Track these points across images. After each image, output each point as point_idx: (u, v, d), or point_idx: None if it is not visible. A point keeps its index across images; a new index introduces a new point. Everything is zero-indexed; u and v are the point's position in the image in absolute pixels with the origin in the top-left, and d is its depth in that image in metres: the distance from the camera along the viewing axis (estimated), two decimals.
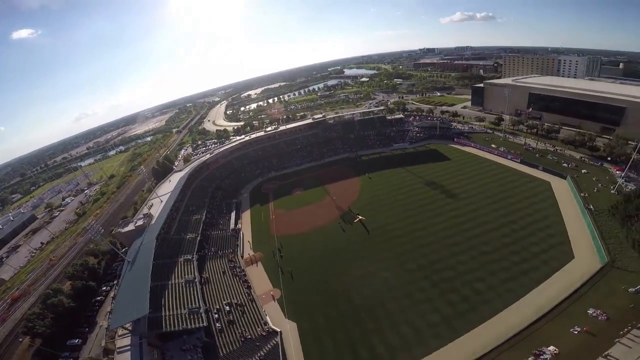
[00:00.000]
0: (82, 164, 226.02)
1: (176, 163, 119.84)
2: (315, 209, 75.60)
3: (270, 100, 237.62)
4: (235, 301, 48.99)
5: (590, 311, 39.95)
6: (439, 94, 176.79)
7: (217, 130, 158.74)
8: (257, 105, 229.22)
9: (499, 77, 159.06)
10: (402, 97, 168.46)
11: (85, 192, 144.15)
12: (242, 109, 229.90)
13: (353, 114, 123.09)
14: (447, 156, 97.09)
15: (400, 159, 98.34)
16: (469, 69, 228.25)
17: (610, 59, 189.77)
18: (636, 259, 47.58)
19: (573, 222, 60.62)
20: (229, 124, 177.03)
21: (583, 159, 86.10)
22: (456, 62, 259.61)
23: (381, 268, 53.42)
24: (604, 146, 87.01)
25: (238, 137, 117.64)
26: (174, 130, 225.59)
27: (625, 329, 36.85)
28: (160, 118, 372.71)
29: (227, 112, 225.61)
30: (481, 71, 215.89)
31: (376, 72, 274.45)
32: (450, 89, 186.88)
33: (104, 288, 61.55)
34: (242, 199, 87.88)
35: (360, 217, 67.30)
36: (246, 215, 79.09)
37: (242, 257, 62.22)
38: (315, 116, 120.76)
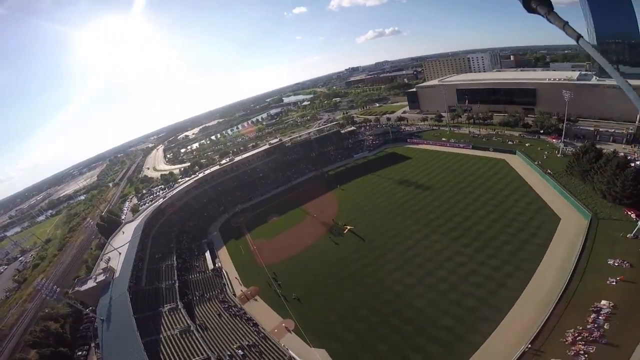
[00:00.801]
0: (8, 233, 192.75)
1: (123, 216, 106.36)
2: (299, 230, 70.45)
3: (213, 137, 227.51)
4: (247, 342, 41.62)
5: (610, 262, 41.08)
6: (377, 104, 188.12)
7: (161, 175, 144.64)
8: (200, 144, 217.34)
9: (422, 82, 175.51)
10: (346, 113, 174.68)
11: (20, 259, 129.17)
12: (183, 150, 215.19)
13: (309, 133, 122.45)
14: (407, 156, 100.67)
15: (365, 167, 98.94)
16: (394, 80, 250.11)
17: (505, 53, 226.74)
18: (612, 207, 52.14)
19: (541, 187, 65.52)
20: (173, 167, 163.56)
21: (522, 135, 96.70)
22: (381, 75, 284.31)
23: (390, 270, 50.58)
24: (533, 123, 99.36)
25: (188, 178, 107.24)
26: (111, 184, 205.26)
27: None
28: (89, 174, 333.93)
29: (167, 156, 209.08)
30: (405, 79, 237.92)
31: (314, 95, 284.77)
32: (386, 99, 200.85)
33: (80, 353, 52.69)
34: (213, 237, 79.36)
35: (349, 227, 64.04)
36: (223, 253, 71.22)
37: (234, 295, 55.03)
38: (272, 141, 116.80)
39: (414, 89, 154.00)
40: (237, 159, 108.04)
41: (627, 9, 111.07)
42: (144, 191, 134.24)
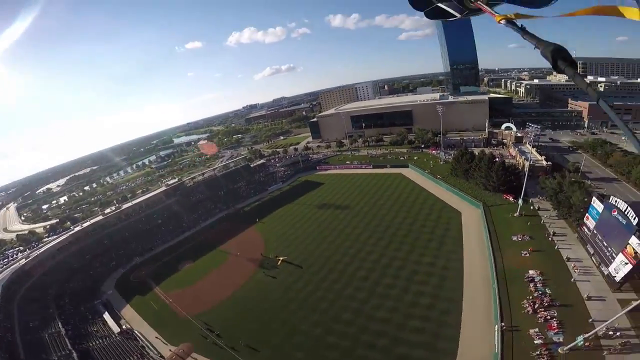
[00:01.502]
0: None
1: None
2: (224, 272, 61.50)
3: (87, 187, 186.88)
4: None
5: (514, 238, 49.90)
6: (282, 137, 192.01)
7: (17, 235, 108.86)
8: (69, 197, 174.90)
9: (320, 112, 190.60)
10: (251, 148, 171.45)
11: None
12: (46, 206, 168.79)
13: (213, 170, 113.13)
14: (319, 182, 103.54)
15: (282, 198, 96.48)
16: (293, 113, 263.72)
17: (381, 84, 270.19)
18: (494, 195, 65.41)
19: (437, 190, 76.85)
20: (34, 225, 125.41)
21: (409, 150, 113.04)
22: (281, 110, 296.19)
23: (339, 289, 48.48)
24: (415, 139, 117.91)
25: (56, 236, 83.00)
26: None
27: (549, 234, 49.12)
28: None
29: (24, 215, 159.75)
30: (304, 112, 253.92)
31: (211, 134, 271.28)
32: (289, 132, 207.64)
33: None
34: (109, 296, 62.73)
35: (282, 258, 59.34)
36: (128, 312, 56.49)
37: (162, 358, 43.33)
38: (169, 182, 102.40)
39: (315, 119, 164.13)
40: (125, 206, 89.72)
41: (470, 42, 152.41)
42: None
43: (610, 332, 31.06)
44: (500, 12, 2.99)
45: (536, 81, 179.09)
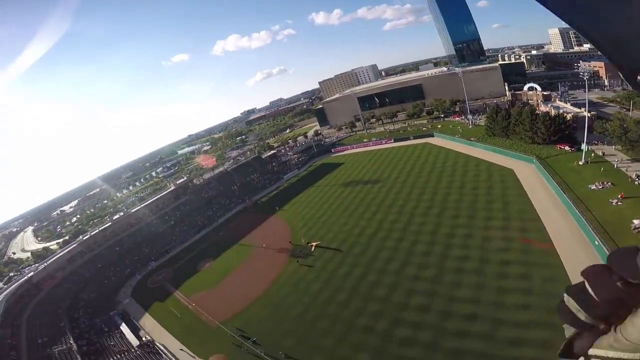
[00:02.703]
0: None
1: None
2: (251, 267, 53.16)
3: (98, 205, 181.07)
4: None
5: (592, 187, 41.58)
6: (288, 131, 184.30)
7: (32, 252, 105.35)
8: (82, 215, 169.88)
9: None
10: (258, 143, 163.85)
11: None
12: (60, 227, 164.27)
13: (223, 166, 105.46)
14: (338, 163, 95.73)
15: (301, 184, 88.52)
16: (294, 109, 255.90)
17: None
18: (545, 147, 57.02)
19: (476, 152, 68.04)
20: (49, 243, 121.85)
21: (429, 121, 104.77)
22: (281, 108, 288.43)
23: (397, 270, 39.65)
24: (434, 109, 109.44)
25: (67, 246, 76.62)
26: None
27: (632, 178, 40.97)
28: None
29: (39, 236, 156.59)
30: (304, 106, 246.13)
31: (214, 140, 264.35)
32: (293, 125, 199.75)
33: None
34: (125, 306, 55.39)
35: (315, 243, 51.09)
36: (148, 322, 48.46)
37: None
38: (177, 182, 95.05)
39: (321, 106, 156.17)
40: (134, 210, 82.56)
41: (470, 20, 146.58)
42: (11, 274, 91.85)
43: None
44: None
45: (534, 52, 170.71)
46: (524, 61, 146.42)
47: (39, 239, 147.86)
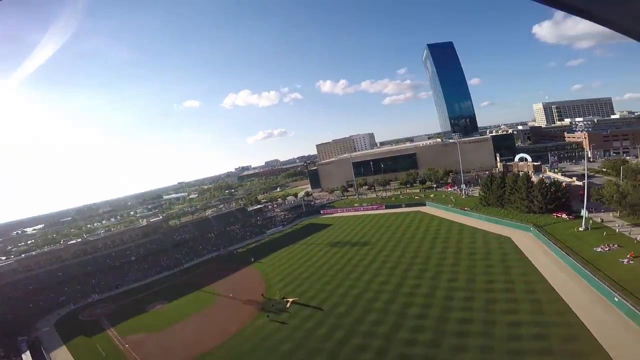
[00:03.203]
0: None
1: None
2: (210, 317, 44.11)
3: (65, 231, 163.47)
4: None
5: (598, 249, 40.00)
6: (279, 189, 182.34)
7: None
8: (41, 236, 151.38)
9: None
10: (246, 197, 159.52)
11: None
12: (13, 245, 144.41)
13: (205, 213, 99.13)
14: (327, 224, 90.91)
15: (283, 239, 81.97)
16: (288, 170, 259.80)
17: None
18: (542, 216, 56.01)
19: (470, 221, 66.16)
20: None
21: (422, 190, 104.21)
22: (275, 168, 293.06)
23: (397, 328, 32.24)
24: (427, 179, 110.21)
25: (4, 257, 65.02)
26: None
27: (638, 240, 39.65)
28: None
29: None
30: (299, 168, 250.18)
31: (202, 190, 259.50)
32: (285, 185, 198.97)
33: None
34: (42, 334, 46.17)
35: (291, 299, 43.37)
36: (63, 355, 39.60)
37: None
38: (152, 219, 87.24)
39: (315, 167, 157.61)
40: (93, 238, 73.16)
41: (467, 100, 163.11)
42: None
43: None
44: None
45: (520, 127, 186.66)
46: (512, 133, 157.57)
47: None
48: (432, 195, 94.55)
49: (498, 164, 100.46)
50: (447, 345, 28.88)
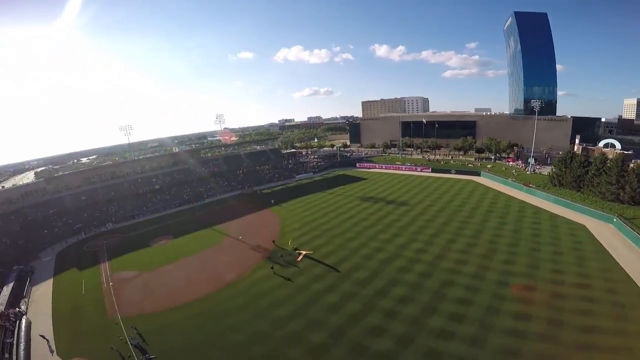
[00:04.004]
0: None
1: None
2: (210, 258, 40.35)
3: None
4: None
5: None
6: (316, 140, 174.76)
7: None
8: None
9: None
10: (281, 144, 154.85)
11: None
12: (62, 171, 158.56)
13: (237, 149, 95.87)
14: (361, 177, 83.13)
15: (312, 186, 76.44)
16: (328, 124, 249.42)
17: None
18: (626, 208, 43.82)
19: (534, 200, 54.98)
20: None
21: (477, 159, 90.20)
22: (317, 122, 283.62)
23: (432, 312, 25.83)
24: (484, 148, 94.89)
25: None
26: None
27: None
28: None
29: (38, 175, 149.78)
30: (339, 124, 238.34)
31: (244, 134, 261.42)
32: (324, 137, 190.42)
33: None
34: (40, 264, 43.04)
35: (304, 252, 37.73)
36: (44, 290, 35.81)
37: None
38: (184, 148, 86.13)
39: (358, 122, 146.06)
40: (123, 161, 73.57)
41: (552, 84, 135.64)
42: None
43: None
44: None
45: (604, 119, 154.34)
46: (597, 119, 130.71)
47: (38, 178, 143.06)
48: (489, 166, 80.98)
49: (576, 147, 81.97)
50: (494, 346, 21.66)
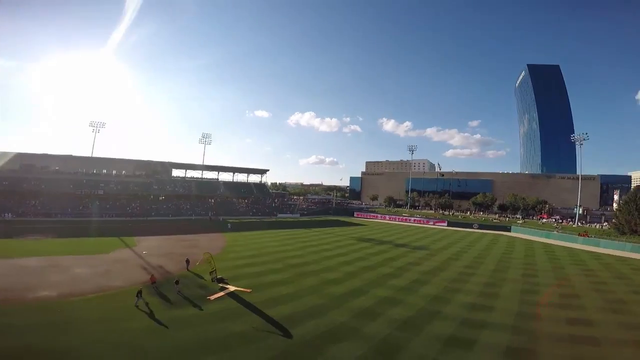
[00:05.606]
0: None
1: None
2: (66, 264, 21.57)
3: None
4: None
5: None
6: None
7: None
8: None
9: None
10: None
11: None
12: None
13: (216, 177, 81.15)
14: (359, 224, 66.74)
15: (294, 223, 59.74)
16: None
17: None
18: None
19: (597, 250, 35.46)
20: None
21: (501, 216, 74.49)
22: (317, 185, 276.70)
23: None
24: (508, 205, 79.74)
25: None
26: None
27: None
28: None
29: None
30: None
31: None
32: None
33: None
34: None
35: (232, 288, 19.83)
36: None
37: None
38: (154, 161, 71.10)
39: (359, 175, 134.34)
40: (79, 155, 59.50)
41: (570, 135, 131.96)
42: None
43: None
44: None
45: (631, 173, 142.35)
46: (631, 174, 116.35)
47: None
48: (519, 222, 64.76)
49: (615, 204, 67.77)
50: None
